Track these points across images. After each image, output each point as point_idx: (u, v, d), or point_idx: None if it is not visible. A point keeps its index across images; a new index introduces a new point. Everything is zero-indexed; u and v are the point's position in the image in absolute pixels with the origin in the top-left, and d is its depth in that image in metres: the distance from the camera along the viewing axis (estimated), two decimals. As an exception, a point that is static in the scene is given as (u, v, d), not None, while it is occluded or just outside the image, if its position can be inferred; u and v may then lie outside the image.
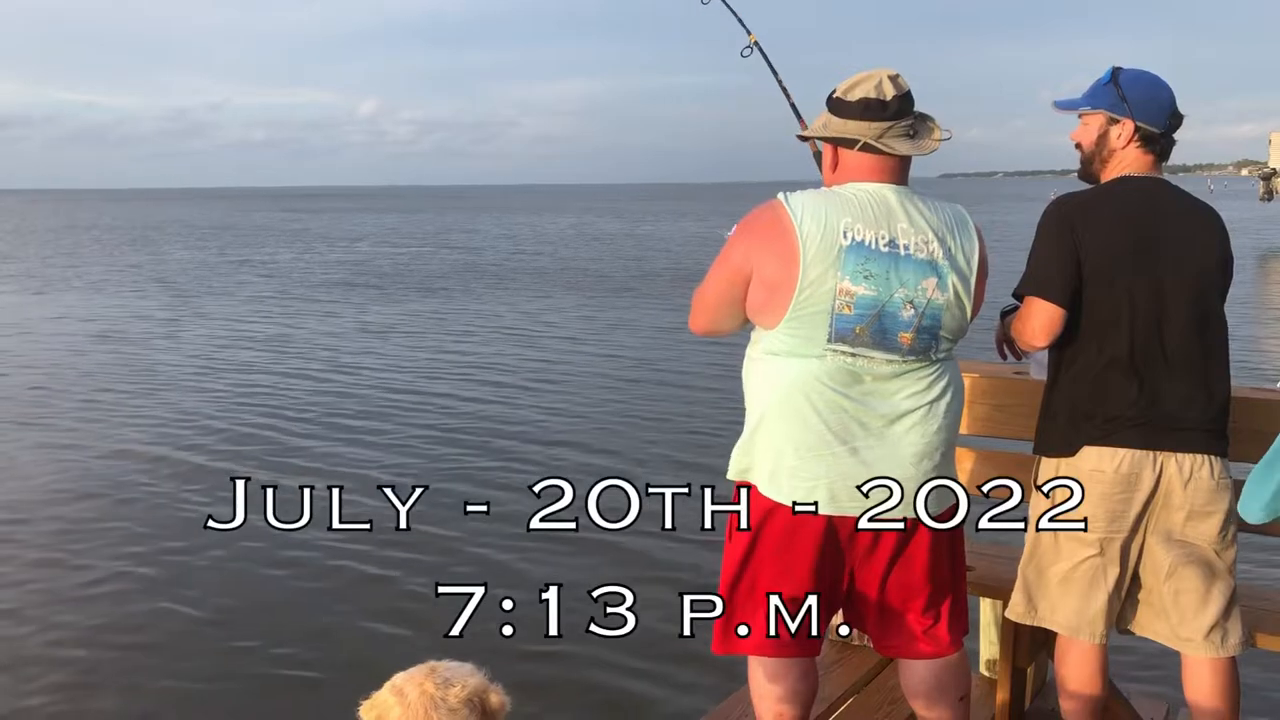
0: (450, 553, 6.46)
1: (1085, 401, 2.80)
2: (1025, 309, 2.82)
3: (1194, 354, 2.77)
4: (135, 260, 32.57)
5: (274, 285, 24.15)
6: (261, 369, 12.96)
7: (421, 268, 29.30)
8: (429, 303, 20.27)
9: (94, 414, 10.34)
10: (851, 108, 2.57)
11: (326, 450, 8.95)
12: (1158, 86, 2.84)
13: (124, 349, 14.65)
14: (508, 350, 14.33)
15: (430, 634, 5.21)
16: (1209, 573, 2.79)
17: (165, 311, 18.94)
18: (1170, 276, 2.74)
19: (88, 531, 6.95)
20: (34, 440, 9.42)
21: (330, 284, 24.18)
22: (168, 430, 9.68)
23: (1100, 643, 2.88)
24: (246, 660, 5.07)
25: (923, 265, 2.52)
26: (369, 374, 12.70)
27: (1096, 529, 2.79)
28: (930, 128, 2.63)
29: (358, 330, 16.98)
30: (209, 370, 12.91)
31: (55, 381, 12.14)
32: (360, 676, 2.03)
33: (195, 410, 10.59)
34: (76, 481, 8.06)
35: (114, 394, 11.42)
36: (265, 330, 16.68)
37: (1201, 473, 2.75)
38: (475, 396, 11.37)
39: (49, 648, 5.27)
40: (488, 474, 8.20)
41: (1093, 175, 2.91)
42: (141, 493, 7.76)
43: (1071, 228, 2.77)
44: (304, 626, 5.44)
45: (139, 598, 5.86)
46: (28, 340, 15.40)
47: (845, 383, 2.54)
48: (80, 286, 23.71)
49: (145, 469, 8.40)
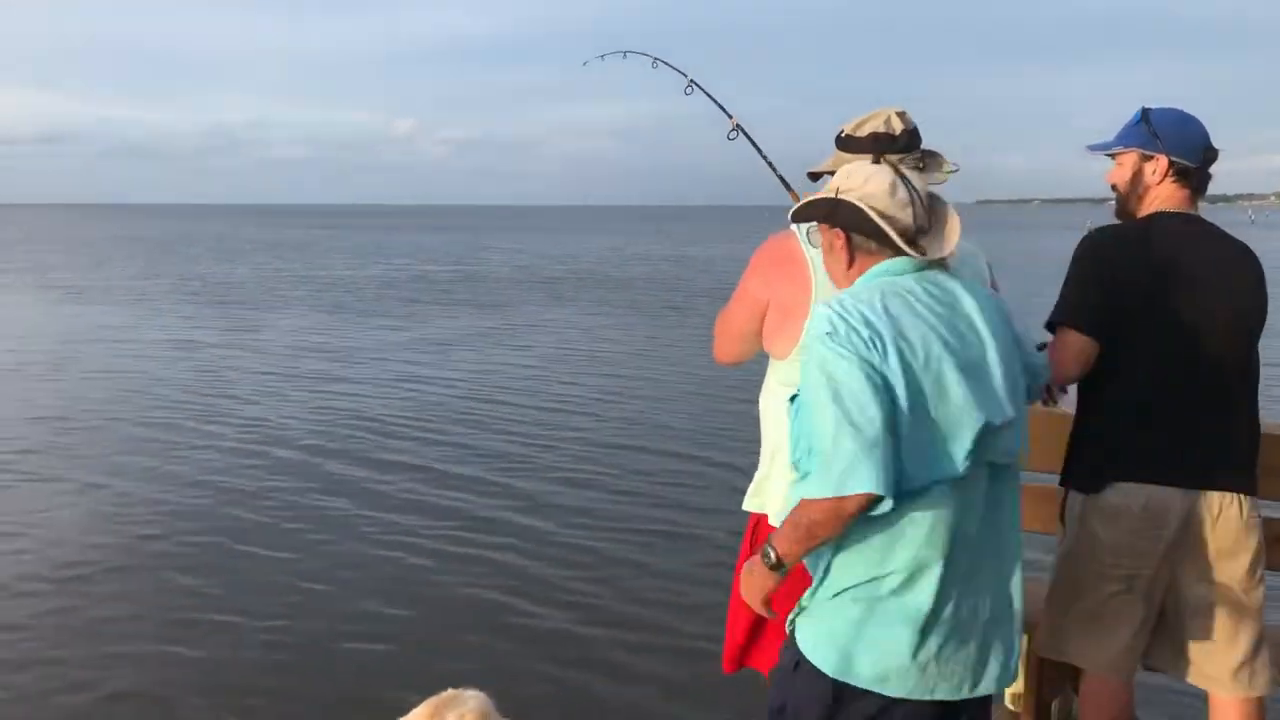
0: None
1: (1113, 437, 2.81)
2: (1058, 341, 2.83)
3: (1223, 392, 2.77)
4: (198, 272, 33.07)
5: (336, 299, 24.37)
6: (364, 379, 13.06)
7: (482, 282, 29.59)
8: (493, 316, 20.54)
9: (213, 423, 10.43)
10: (861, 143, 2.63)
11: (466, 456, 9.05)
12: (1189, 122, 2.86)
13: (229, 357, 14.79)
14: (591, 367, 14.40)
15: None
16: (1237, 611, 2.78)
17: (240, 323, 19.24)
18: (1203, 314, 2.74)
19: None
20: (173, 440, 9.50)
21: (401, 299, 24.57)
22: (274, 431, 9.92)
23: (1126, 680, 2.87)
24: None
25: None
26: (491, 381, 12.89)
27: (1123, 565, 2.79)
28: (939, 161, 2.68)
29: (470, 335, 17.23)
30: (322, 378, 13.08)
31: (166, 389, 12.22)
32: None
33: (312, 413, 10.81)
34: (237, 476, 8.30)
35: (230, 400, 11.55)
36: (343, 341, 16.86)
37: (1230, 511, 2.75)
38: (624, 402, 11.39)
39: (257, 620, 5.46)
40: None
41: (1129, 213, 2.93)
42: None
43: (1105, 260, 2.79)
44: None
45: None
46: (117, 351, 15.30)
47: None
48: (151, 298, 23.77)
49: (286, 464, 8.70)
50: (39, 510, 7.45)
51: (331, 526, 7.09)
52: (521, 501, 7.69)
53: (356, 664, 5.02)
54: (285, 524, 7.14)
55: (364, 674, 4.91)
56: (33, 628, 5.42)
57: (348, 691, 4.73)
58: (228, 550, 6.60)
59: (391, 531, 6.96)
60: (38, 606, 5.70)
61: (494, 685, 2.18)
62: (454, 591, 5.95)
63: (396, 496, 7.80)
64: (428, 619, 5.56)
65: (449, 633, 5.39)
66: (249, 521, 7.18)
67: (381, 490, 7.97)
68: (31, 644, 5.22)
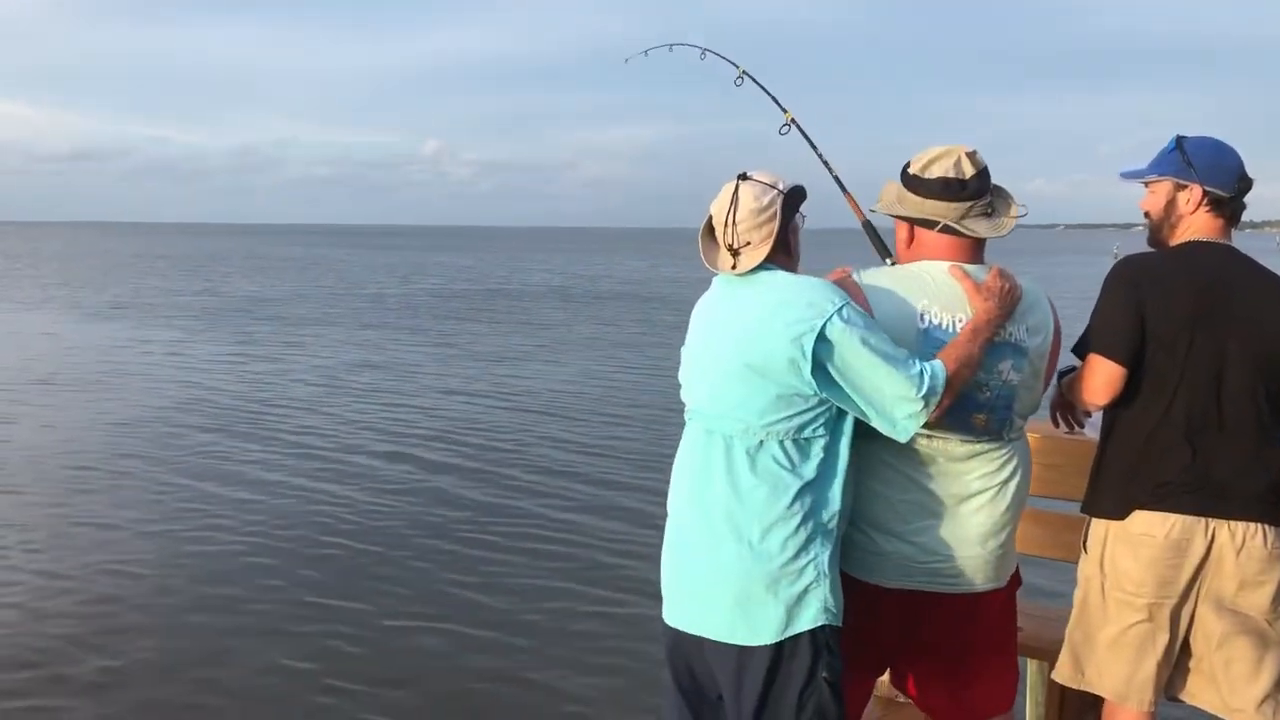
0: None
1: (1138, 464, 2.79)
2: (1087, 367, 2.81)
3: (1251, 422, 2.74)
4: (248, 289, 33.48)
5: (384, 315, 24.77)
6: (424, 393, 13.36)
7: (530, 299, 29.88)
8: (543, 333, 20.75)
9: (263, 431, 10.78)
10: (930, 185, 2.56)
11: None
12: (1223, 151, 2.83)
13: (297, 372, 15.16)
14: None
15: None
16: (1261, 643, 2.75)
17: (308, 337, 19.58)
18: (1233, 343, 2.71)
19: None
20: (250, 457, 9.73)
21: (445, 314, 25.01)
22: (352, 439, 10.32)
23: (1148, 710, 2.84)
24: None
25: (998, 348, 2.51)
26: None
27: (1146, 594, 2.77)
28: (1008, 204, 2.62)
29: (534, 349, 17.69)
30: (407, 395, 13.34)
31: (243, 402, 12.56)
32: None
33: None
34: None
35: (281, 409, 11.97)
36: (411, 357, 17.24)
37: (1254, 541, 2.72)
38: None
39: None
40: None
41: (1161, 242, 2.90)
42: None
43: (1137, 287, 2.76)
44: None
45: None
46: (182, 368, 15.61)
47: (921, 462, 2.55)
48: (200, 316, 24.11)
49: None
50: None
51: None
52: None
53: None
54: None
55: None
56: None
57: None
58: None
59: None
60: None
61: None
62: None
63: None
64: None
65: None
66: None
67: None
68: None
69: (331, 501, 8.12)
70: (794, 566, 2.41)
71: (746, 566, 2.42)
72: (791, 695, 2.43)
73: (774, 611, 2.41)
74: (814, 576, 2.42)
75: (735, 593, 2.43)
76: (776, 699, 2.43)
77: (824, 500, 2.45)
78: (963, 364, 2.43)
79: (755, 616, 2.42)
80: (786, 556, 2.41)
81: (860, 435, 2.51)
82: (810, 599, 2.42)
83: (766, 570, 2.41)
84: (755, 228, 2.49)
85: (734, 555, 2.43)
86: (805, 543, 2.42)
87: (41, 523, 7.54)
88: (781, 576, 2.41)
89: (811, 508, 2.43)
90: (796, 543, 2.41)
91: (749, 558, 2.42)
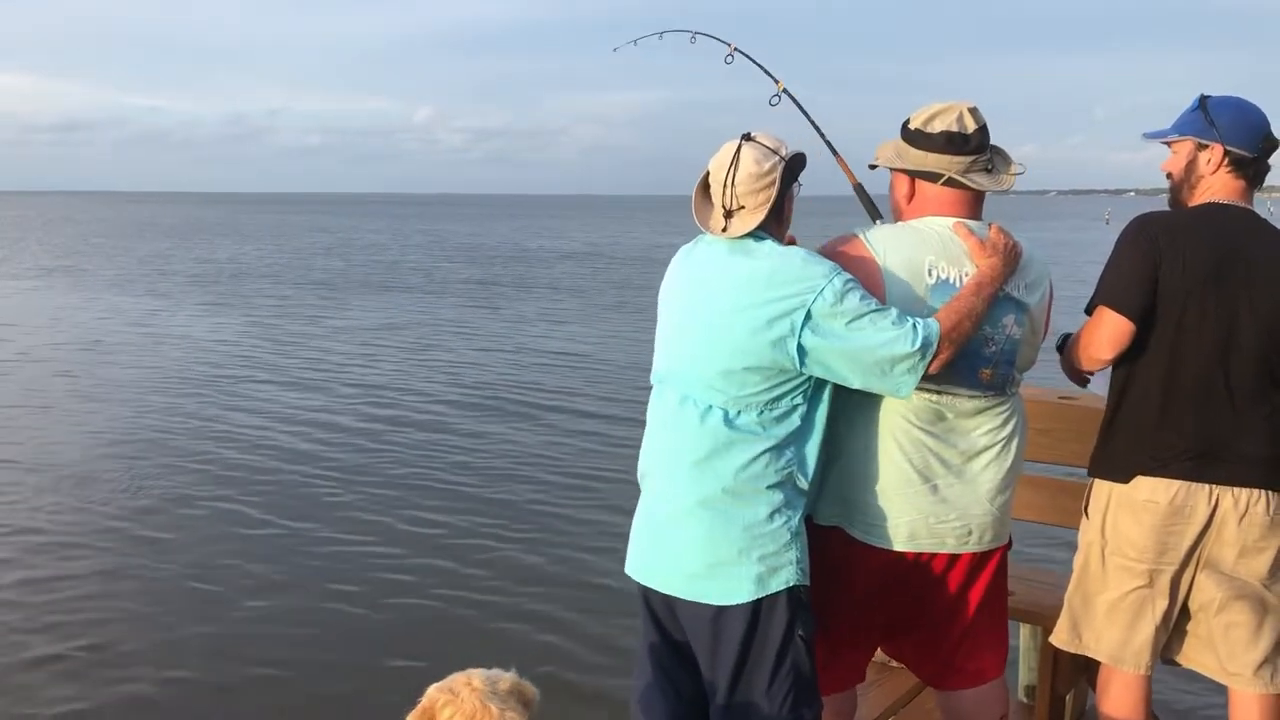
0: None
1: (1143, 428, 2.75)
2: (1095, 319, 2.76)
3: (1257, 388, 2.69)
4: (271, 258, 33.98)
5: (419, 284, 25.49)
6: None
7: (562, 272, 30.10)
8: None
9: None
10: (933, 140, 2.55)
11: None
12: (1248, 111, 2.76)
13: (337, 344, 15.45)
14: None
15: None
16: (1260, 608, 2.73)
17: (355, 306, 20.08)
18: (1244, 308, 2.66)
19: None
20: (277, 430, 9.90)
21: (472, 281, 25.87)
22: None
23: (1144, 673, 2.83)
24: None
25: (1001, 302, 2.51)
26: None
27: (1147, 560, 2.75)
28: (1007, 162, 2.62)
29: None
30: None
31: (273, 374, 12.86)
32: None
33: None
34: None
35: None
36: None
37: (1256, 508, 2.69)
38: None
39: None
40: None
41: (1181, 203, 2.85)
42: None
43: (1153, 243, 2.70)
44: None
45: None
46: (206, 340, 15.73)
47: (929, 420, 2.54)
48: (232, 288, 24.05)
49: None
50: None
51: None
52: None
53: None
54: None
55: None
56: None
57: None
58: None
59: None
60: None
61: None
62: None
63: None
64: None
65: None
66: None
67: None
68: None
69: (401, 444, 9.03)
70: (769, 528, 2.43)
71: (722, 528, 2.43)
72: (770, 653, 2.46)
73: (749, 570, 2.43)
74: (789, 537, 2.45)
75: (709, 555, 2.45)
76: (756, 657, 2.47)
77: (798, 462, 2.47)
78: (964, 316, 2.42)
79: (730, 577, 2.44)
80: (760, 518, 2.43)
81: (868, 404, 2.52)
82: (786, 558, 2.45)
83: (742, 532, 2.43)
84: (752, 192, 2.46)
85: (708, 518, 2.45)
86: (780, 505, 2.45)
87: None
88: (757, 538, 2.43)
89: (785, 471, 2.45)
90: (771, 504, 2.43)
91: (724, 521, 2.43)
